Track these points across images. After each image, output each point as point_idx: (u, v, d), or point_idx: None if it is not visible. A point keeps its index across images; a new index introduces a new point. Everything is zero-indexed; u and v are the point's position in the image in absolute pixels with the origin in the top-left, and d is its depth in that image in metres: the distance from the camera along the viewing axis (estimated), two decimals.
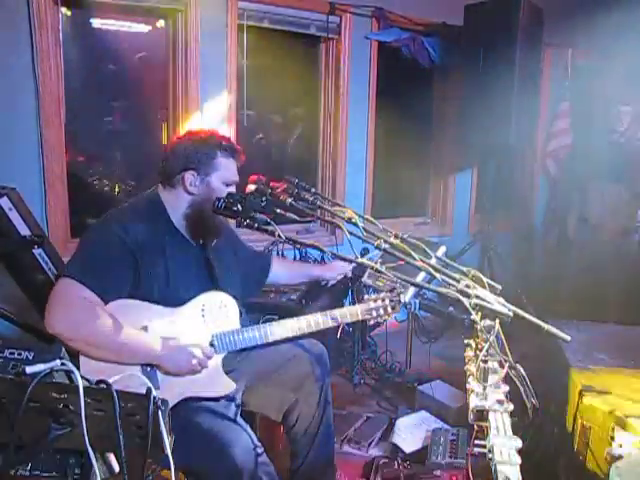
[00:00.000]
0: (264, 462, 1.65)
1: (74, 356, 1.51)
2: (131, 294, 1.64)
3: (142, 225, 1.68)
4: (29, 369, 1.09)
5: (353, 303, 2.98)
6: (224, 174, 1.76)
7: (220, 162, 1.75)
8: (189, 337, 1.70)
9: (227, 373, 1.78)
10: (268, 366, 1.95)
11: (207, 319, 1.75)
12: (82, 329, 1.51)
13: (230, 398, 1.77)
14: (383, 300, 1.93)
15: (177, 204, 1.76)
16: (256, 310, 2.25)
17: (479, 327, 1.37)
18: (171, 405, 1.61)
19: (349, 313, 1.89)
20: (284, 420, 1.99)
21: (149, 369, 1.62)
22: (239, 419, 1.71)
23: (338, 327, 1.91)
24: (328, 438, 2.06)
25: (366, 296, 1.96)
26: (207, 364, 1.68)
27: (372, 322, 1.92)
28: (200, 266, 1.81)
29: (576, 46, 4.46)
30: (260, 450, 1.64)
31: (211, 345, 1.74)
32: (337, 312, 1.88)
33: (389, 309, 1.92)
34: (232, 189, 1.78)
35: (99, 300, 1.56)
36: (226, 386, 1.75)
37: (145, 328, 1.64)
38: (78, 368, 1.13)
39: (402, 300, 1.91)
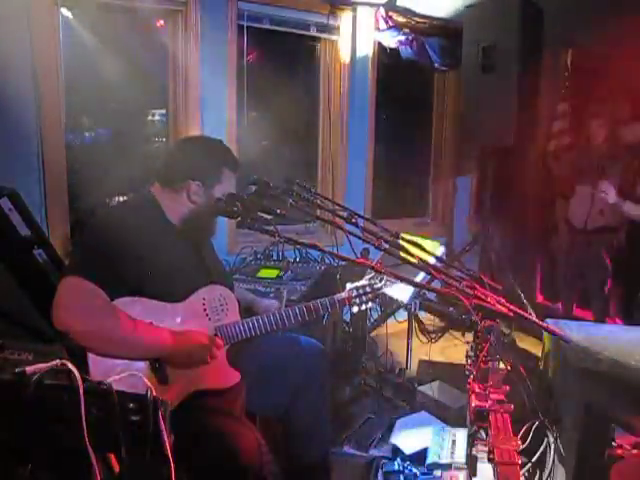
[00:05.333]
0: (268, 461, 1.66)
1: (76, 356, 1.51)
2: (133, 291, 1.64)
3: (140, 222, 1.68)
4: (29, 369, 1.09)
5: None
6: (226, 187, 1.79)
7: (225, 176, 1.79)
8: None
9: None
10: (267, 366, 1.96)
11: (209, 313, 1.77)
12: (94, 322, 1.50)
13: (234, 397, 1.78)
14: (364, 287, 2.02)
15: (177, 208, 1.78)
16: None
17: (479, 327, 1.38)
18: (180, 401, 1.63)
19: (337, 299, 1.98)
20: (282, 420, 2.00)
21: (157, 364, 1.63)
22: (244, 418, 1.72)
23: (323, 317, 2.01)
24: (324, 439, 2.07)
25: (348, 283, 2.04)
26: (217, 354, 1.71)
27: (356, 309, 2.00)
28: (195, 261, 1.83)
29: (576, 46, 4.45)
30: (265, 449, 1.65)
31: None
32: (327, 299, 1.95)
33: (370, 295, 2.02)
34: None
35: (102, 293, 1.55)
36: (232, 377, 1.78)
37: (150, 324, 1.64)
38: (80, 368, 1.13)
39: (382, 284, 2.03)
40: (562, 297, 3.84)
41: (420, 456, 2.40)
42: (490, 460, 1.21)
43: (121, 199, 1.83)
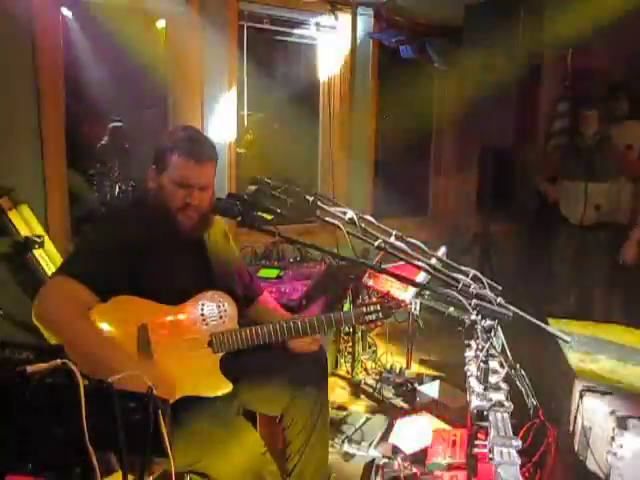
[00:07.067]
0: (268, 461, 1.65)
1: None
2: (132, 290, 1.63)
3: (139, 222, 1.68)
4: (30, 368, 1.09)
5: (353, 303, 3.00)
6: (176, 174, 1.67)
7: (174, 161, 1.67)
8: (188, 336, 1.70)
9: (226, 373, 1.78)
10: (267, 366, 1.95)
11: (206, 318, 1.76)
12: (60, 325, 1.50)
13: (232, 397, 1.77)
14: (376, 305, 1.94)
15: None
16: None
17: (479, 327, 1.38)
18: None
19: (344, 318, 1.91)
20: (280, 420, 1.99)
21: None
22: (241, 418, 1.71)
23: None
24: (322, 440, 2.04)
25: (359, 302, 1.97)
26: None
27: (365, 327, 1.93)
28: (198, 262, 1.81)
29: (576, 46, 4.45)
30: (263, 449, 1.64)
31: (209, 345, 1.75)
32: (332, 316, 1.88)
33: (381, 315, 1.92)
34: (190, 191, 1.68)
35: (88, 294, 1.55)
36: (223, 386, 1.74)
37: (145, 325, 1.64)
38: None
39: (394, 307, 1.93)
40: (562, 297, 3.84)
41: (420, 456, 2.40)
42: (490, 460, 1.21)
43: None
